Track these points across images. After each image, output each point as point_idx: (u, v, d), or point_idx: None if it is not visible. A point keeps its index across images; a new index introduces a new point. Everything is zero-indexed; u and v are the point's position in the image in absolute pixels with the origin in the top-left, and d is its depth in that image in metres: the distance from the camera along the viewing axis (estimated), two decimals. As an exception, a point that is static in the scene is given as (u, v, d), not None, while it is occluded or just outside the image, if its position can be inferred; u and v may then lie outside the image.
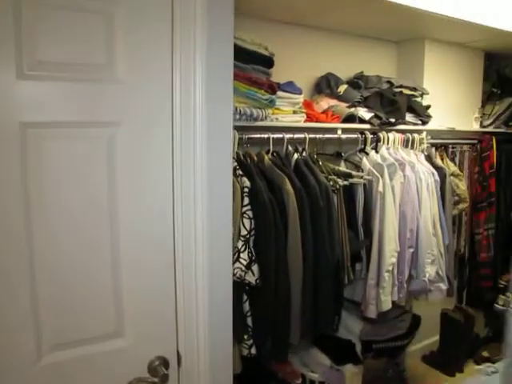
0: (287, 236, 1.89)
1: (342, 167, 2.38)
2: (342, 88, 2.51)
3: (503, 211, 3.23)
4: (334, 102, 2.52)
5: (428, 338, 3.32)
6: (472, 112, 3.19)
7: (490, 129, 3.27)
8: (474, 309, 3.28)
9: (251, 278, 1.76)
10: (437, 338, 3.36)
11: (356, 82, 2.63)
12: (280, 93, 2.15)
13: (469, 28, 2.51)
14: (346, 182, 2.17)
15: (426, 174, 2.48)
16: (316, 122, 2.33)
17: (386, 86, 2.62)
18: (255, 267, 1.79)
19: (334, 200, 2.10)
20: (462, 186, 2.91)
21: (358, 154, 2.47)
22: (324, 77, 2.57)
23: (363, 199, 2.29)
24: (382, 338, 2.74)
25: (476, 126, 3.20)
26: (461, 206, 2.91)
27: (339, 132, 2.38)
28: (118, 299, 1.25)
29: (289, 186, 1.91)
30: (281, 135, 2.13)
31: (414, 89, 2.70)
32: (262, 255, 1.81)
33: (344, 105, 2.50)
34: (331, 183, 2.12)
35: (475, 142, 3.18)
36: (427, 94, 2.77)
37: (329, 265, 2.00)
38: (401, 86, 2.65)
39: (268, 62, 2.04)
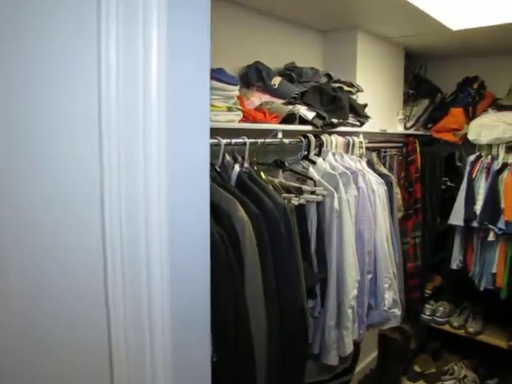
0: (244, 283, 1.34)
1: (281, 179, 1.90)
2: (277, 80, 2.03)
3: (429, 218, 3.04)
4: (266, 97, 2.02)
5: (360, 363, 3.00)
6: (396, 113, 2.95)
7: (412, 131, 3.06)
8: (406, 323, 3.05)
9: (205, 356, 1.18)
10: (368, 360, 3.06)
11: (289, 75, 2.16)
12: (213, 82, 1.59)
13: (404, 16, 2.20)
14: (302, 201, 1.69)
15: (376, 185, 2.11)
16: (253, 122, 1.81)
17: (324, 79, 2.20)
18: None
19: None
20: (397, 193, 2.62)
21: (300, 162, 2.01)
22: (252, 66, 2.06)
23: (316, 220, 1.83)
24: (328, 377, 2.33)
25: (401, 128, 2.97)
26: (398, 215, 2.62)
27: (280, 135, 1.89)
28: None
29: (242, 213, 1.35)
30: (216, 140, 1.57)
31: (351, 85, 2.32)
32: (217, 316, 1.24)
33: (279, 101, 2.01)
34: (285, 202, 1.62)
35: (401, 145, 2.94)
36: (362, 91, 2.41)
37: (295, 312, 1.50)
38: (339, 81, 2.25)
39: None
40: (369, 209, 2.02)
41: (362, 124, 2.36)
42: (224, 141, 1.59)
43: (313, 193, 1.81)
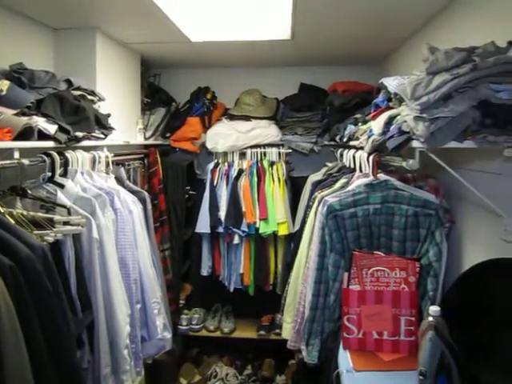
0: (2, 365, 0.97)
1: (21, 209, 1.52)
2: (4, 85, 1.60)
3: (176, 228, 3.00)
4: (-9, 107, 1.58)
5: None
6: (135, 123, 2.79)
7: (152, 141, 2.97)
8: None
9: None
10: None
11: (17, 78, 1.75)
12: None
13: (146, 21, 2.09)
14: (59, 236, 1.37)
15: (132, 204, 1.92)
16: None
17: (63, 86, 1.87)
18: None
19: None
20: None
21: (44, 186, 1.65)
22: (-34, 66, 1.58)
23: (74, 255, 1.52)
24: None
25: (141, 139, 2.83)
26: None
27: (17, 155, 1.50)
28: None
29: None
30: None
31: (93, 93, 2.06)
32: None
33: (10, 112, 1.60)
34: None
35: (143, 156, 2.80)
36: (104, 99, 2.17)
37: (73, 376, 1.19)
38: (79, 88, 1.96)
39: None
40: (129, 232, 1.82)
41: (106, 136, 2.13)
42: None
43: (67, 223, 1.50)
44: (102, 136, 2.09)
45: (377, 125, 1.67)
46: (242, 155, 2.97)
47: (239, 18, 2.12)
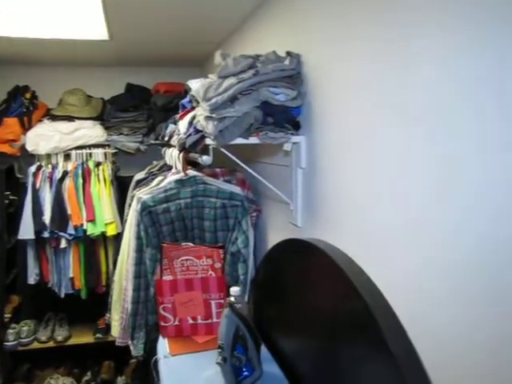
0: None
1: None
2: None
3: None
4: None
5: None
6: None
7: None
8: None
9: None
10: None
11: None
12: None
13: None
14: None
15: None
16: None
17: None
18: None
19: None
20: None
21: None
22: None
23: None
24: None
25: None
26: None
27: None
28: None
29: None
30: None
31: None
32: None
33: None
34: None
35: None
36: None
37: None
38: None
39: None
40: None
41: None
42: None
43: None
44: None
45: (182, 124, 1.79)
46: (67, 157, 2.88)
47: (55, 15, 2.04)
